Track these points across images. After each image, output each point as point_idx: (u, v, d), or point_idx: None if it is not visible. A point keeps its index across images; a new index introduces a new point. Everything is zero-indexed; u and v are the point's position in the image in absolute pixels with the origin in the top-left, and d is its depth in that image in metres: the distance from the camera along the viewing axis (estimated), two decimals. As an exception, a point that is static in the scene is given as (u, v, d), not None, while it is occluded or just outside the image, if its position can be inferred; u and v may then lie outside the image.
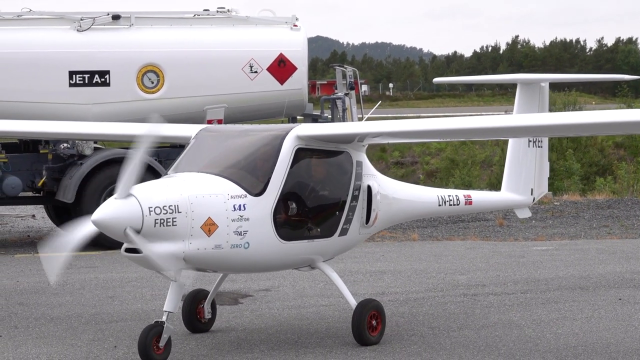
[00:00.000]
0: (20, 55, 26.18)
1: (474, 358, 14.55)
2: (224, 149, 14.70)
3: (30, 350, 15.03)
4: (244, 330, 16.52)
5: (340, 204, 14.87)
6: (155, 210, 12.93)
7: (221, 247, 13.51)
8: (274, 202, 13.95)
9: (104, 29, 26.81)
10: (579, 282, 20.20)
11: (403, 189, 16.72)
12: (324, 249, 14.92)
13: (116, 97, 26.45)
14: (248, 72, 27.18)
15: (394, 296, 19.08)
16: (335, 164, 15.09)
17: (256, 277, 20.96)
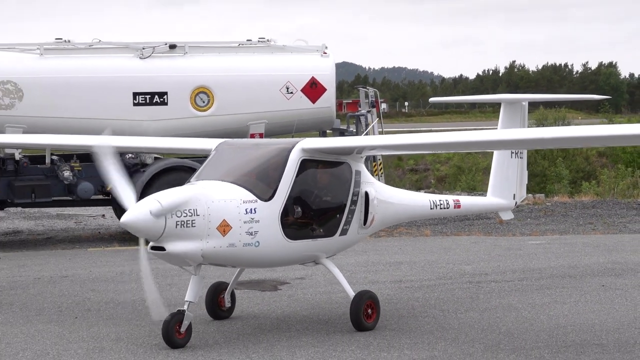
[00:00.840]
0: (92, 79, 26.27)
1: (478, 336, 14.58)
2: (239, 160, 14.75)
3: (102, 330, 15.12)
4: (282, 313, 16.57)
5: (340, 208, 14.91)
6: (177, 214, 13.04)
7: (234, 246, 13.59)
8: (281, 206, 14.00)
9: (162, 56, 26.89)
10: (568, 271, 20.19)
11: (398, 195, 16.62)
12: (327, 247, 14.95)
13: (173, 114, 26.53)
14: (285, 93, 27.25)
15: (409, 283, 19.10)
16: (337, 173, 15.07)
17: (293, 267, 20.97)
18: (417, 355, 13.49)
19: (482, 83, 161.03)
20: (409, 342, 14.31)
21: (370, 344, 14.15)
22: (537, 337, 14.49)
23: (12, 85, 25.78)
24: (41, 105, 25.87)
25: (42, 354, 13.75)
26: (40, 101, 25.88)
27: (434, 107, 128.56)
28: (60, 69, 26.30)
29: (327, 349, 13.95)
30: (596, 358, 13.24)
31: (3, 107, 25.65)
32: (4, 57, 26.19)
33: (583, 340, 14.27)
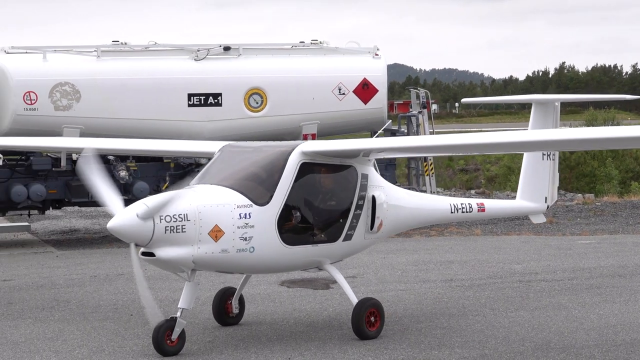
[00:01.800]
0: (148, 81, 26.39)
1: (529, 335, 14.50)
2: (239, 163, 14.20)
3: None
4: (334, 310, 16.57)
5: (344, 212, 14.30)
6: (165, 219, 12.60)
7: (227, 252, 13.08)
8: (278, 211, 13.46)
9: (216, 58, 26.97)
10: (617, 271, 20.04)
11: (413, 199, 16.04)
12: (329, 252, 14.30)
13: (227, 115, 26.60)
14: (337, 94, 27.26)
15: (460, 282, 19.03)
16: (340, 177, 14.42)
17: (345, 265, 20.93)
18: (467, 354, 13.44)
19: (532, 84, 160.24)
20: (459, 340, 14.26)
21: (422, 342, 14.13)
22: (587, 335, 14.40)
23: (69, 87, 25.93)
24: (98, 106, 26.01)
25: (97, 351, 13.82)
26: (97, 102, 26.02)
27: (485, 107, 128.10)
28: (116, 70, 26.43)
29: (378, 346, 13.93)
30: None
31: (61, 108, 25.81)
32: (62, 60, 26.36)
33: (633, 339, 14.17)
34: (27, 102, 25.74)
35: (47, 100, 25.81)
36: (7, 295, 18.19)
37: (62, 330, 15.14)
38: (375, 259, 22.05)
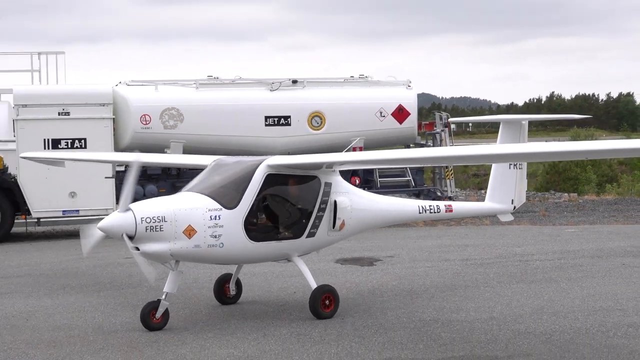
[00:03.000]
0: (234, 106, 26.53)
1: (527, 302, 14.41)
2: (219, 174, 13.42)
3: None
4: (377, 282, 16.54)
5: (307, 214, 13.33)
6: (146, 220, 12.11)
7: (199, 247, 12.46)
8: (245, 213, 12.73)
9: (286, 89, 27.03)
10: (596, 253, 19.87)
11: (381, 202, 14.80)
12: (294, 247, 13.35)
13: (294, 133, 26.65)
14: (379, 116, 27.27)
15: (473, 261, 18.95)
16: (304, 185, 13.46)
17: (384, 247, 20.92)
18: (479, 316, 13.37)
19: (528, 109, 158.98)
20: (473, 305, 14.20)
21: (444, 307, 14.07)
22: (572, 303, 14.28)
23: (175, 111, 26.11)
24: (196, 125, 26.18)
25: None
26: (196, 123, 26.19)
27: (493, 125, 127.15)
28: (211, 98, 26.58)
29: (411, 310, 13.89)
30: (618, 320, 13.00)
31: (169, 127, 26.00)
32: (170, 90, 26.57)
33: (608, 306, 14.03)
34: (143, 122, 25.93)
35: (158, 121, 25.99)
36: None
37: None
38: (408, 242, 22.02)
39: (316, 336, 12.30)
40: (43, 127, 24.81)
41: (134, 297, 15.40)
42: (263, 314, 13.79)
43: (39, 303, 15.02)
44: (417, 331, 12.51)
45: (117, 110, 25.65)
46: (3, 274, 18.28)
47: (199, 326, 13.09)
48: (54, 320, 13.58)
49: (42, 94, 25.89)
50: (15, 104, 25.33)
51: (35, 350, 11.83)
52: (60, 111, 24.95)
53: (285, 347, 11.72)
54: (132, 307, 14.41)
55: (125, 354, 11.51)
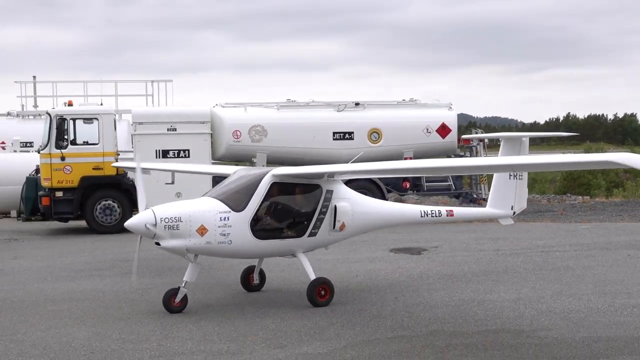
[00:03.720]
0: (308, 124, 26.52)
1: (548, 286, 14.20)
2: (235, 182, 13.00)
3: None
4: (425, 268, 16.42)
5: (308, 217, 12.77)
6: (165, 220, 11.89)
7: (211, 243, 12.10)
8: (251, 215, 12.32)
9: (350, 110, 26.98)
10: (605, 245, 19.48)
11: (384, 206, 14.17)
12: (296, 244, 12.80)
13: (357, 146, 26.50)
14: (425, 132, 27.07)
15: (504, 251, 18.70)
16: (306, 192, 12.88)
17: (430, 239, 20.76)
18: (509, 297, 13.22)
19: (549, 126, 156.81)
20: (503, 288, 14.04)
21: (479, 289, 13.92)
22: (586, 287, 14.04)
23: (260, 127, 26.22)
24: (278, 140, 26.25)
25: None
26: (277, 137, 26.25)
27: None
28: (289, 117, 26.64)
29: (451, 291, 13.79)
30: (625, 301, 12.76)
31: (255, 141, 26.12)
32: (257, 110, 26.69)
33: (616, 290, 13.76)
34: (234, 137, 26.08)
35: (247, 136, 26.11)
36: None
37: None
38: (449, 235, 21.83)
39: (374, 312, 12.26)
40: (155, 141, 25.09)
41: (227, 277, 15.48)
42: (331, 293, 13.76)
43: (151, 281, 15.17)
44: (457, 309, 12.41)
45: (214, 126, 25.84)
46: (123, 258, 18.51)
47: (279, 302, 13.15)
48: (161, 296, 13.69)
49: (154, 113, 26.21)
50: (134, 121, 25.67)
51: (149, 319, 11.96)
52: (168, 127, 25.21)
53: (349, 320, 11.70)
54: (225, 286, 14.51)
55: (220, 323, 11.59)
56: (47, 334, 11.13)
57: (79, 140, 24.00)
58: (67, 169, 23.74)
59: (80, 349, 10.35)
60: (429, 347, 10.22)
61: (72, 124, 23.92)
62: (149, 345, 10.45)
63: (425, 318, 11.79)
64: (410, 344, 10.35)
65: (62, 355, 10.07)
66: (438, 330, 11.04)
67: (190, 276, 12.49)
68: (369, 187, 25.86)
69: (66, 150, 23.68)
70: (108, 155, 23.80)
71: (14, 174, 27.40)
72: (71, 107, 24.31)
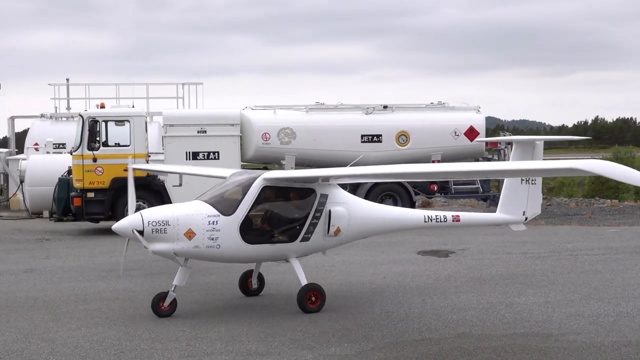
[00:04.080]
0: (337, 127, 26.51)
1: (577, 289, 14.04)
2: (227, 186, 12.59)
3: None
4: (452, 270, 16.31)
5: (300, 221, 12.35)
6: (152, 223, 11.68)
7: (199, 247, 11.85)
8: (240, 219, 11.90)
9: (379, 113, 26.91)
10: (634, 249, 19.22)
11: (385, 211, 13.61)
12: (288, 249, 12.40)
13: (384, 148, 26.50)
14: (453, 135, 26.92)
15: (531, 254, 18.54)
16: (299, 196, 12.48)
17: (458, 242, 20.63)
18: (536, 300, 13.09)
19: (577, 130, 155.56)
20: (531, 291, 13.91)
21: (507, 292, 13.80)
22: (614, 290, 13.86)
23: (289, 130, 26.23)
24: (306, 142, 26.23)
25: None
26: (306, 140, 26.24)
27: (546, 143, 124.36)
28: (318, 120, 26.63)
29: (479, 294, 13.68)
30: (654, 305, 12.64)
31: (284, 143, 26.14)
32: (286, 113, 26.72)
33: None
34: (263, 139, 26.10)
35: (276, 138, 26.14)
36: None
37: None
38: (477, 238, 21.68)
39: (402, 314, 12.19)
40: (185, 143, 25.18)
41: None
42: (358, 295, 13.72)
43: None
44: (485, 311, 12.30)
45: (243, 129, 25.89)
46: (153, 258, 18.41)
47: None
48: (192, 296, 13.72)
49: (184, 115, 26.32)
50: (164, 123, 25.79)
51: (178, 319, 11.96)
52: (198, 130, 25.29)
53: (376, 322, 11.63)
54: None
55: (249, 324, 11.58)
56: (77, 333, 11.18)
57: (110, 142, 24.15)
58: (99, 171, 23.89)
59: (111, 348, 10.38)
60: (456, 350, 10.14)
61: (104, 126, 24.08)
62: (178, 345, 10.45)
63: (453, 321, 11.70)
64: (438, 347, 10.27)
65: (93, 354, 10.10)
66: (466, 333, 10.94)
67: (180, 280, 12.21)
68: (396, 189, 25.78)
69: (98, 151, 23.84)
70: (139, 157, 23.89)
71: (47, 175, 27.66)
72: (103, 110, 24.48)
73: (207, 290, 14.30)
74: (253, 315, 12.15)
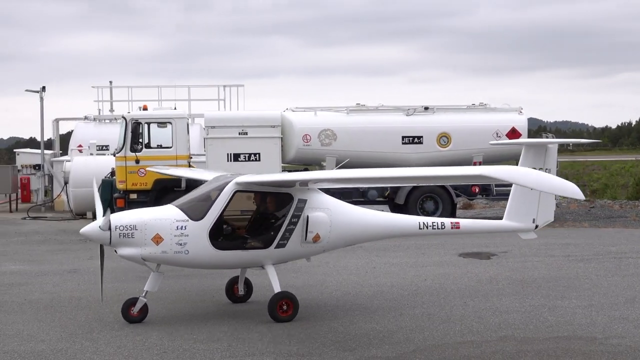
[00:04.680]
0: (377, 128, 26.52)
1: (621, 292, 13.85)
2: (202, 190, 12.35)
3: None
4: (494, 273, 16.18)
5: (275, 227, 11.91)
6: (119, 227, 11.48)
7: (166, 252, 11.58)
8: (210, 225, 11.55)
9: (419, 114, 26.84)
10: (680, 252, 18.97)
11: (374, 217, 12.86)
12: (262, 256, 11.95)
13: (426, 150, 26.41)
14: (495, 137, 26.67)
15: (574, 257, 18.30)
16: (273, 201, 12.10)
17: (500, 244, 20.44)
18: (580, 303, 12.93)
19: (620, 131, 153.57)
20: (575, 294, 13.74)
21: (550, 295, 13.65)
22: (660, 294, 13.66)
23: (330, 131, 26.26)
24: (347, 144, 26.25)
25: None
26: (347, 141, 26.26)
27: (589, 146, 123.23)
28: (358, 121, 26.63)
29: (522, 297, 13.55)
30: (701, 309, 12.40)
31: (325, 145, 26.18)
32: (326, 115, 26.79)
33: (692, 297, 13.37)
34: (304, 141, 26.18)
35: (316, 140, 26.19)
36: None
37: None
38: (519, 240, 21.21)
39: (443, 316, 12.12)
40: (226, 144, 25.33)
41: (296, 280, 15.48)
42: (400, 297, 13.67)
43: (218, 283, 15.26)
44: (527, 314, 12.18)
45: (284, 130, 25.97)
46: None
47: (348, 305, 13.10)
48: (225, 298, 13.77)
49: (226, 117, 26.46)
50: (206, 125, 25.95)
51: (220, 320, 12.04)
52: (240, 131, 25.42)
53: (418, 325, 11.58)
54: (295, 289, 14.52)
55: (290, 325, 11.59)
56: (120, 333, 11.28)
57: (153, 144, 24.33)
58: (141, 172, 24.07)
59: (153, 348, 10.45)
60: (499, 353, 10.05)
61: (147, 128, 24.26)
62: (219, 346, 10.50)
63: (495, 323, 11.60)
64: (480, 350, 10.19)
65: (135, 354, 10.18)
66: (508, 336, 10.84)
67: (152, 286, 11.99)
68: (437, 191, 25.64)
69: (140, 153, 24.03)
70: (181, 159, 24.05)
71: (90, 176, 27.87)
72: (146, 112, 24.67)
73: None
74: (295, 316, 12.14)
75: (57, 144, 38.67)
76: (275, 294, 11.87)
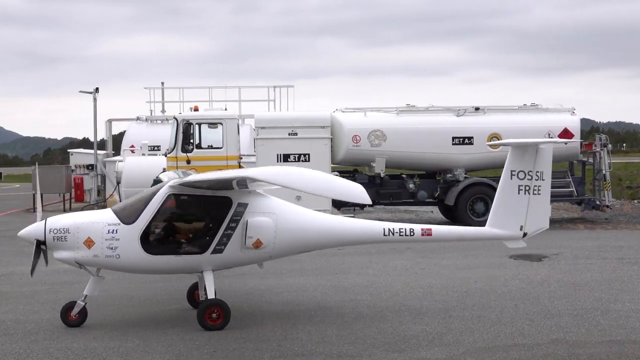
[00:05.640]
0: (427, 129, 26.29)
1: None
2: (142, 194, 12.00)
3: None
4: (546, 275, 15.98)
5: (211, 232, 11.52)
6: (53, 231, 11.44)
7: (98, 256, 11.36)
8: (141, 229, 11.32)
9: (470, 115, 26.60)
10: None
11: (330, 223, 12.10)
12: (198, 262, 11.56)
13: (477, 150, 26.16)
14: (547, 137, 26.38)
15: (628, 259, 17.96)
16: (209, 205, 11.64)
17: (550, 246, 20.17)
18: (634, 307, 12.70)
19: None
20: (628, 297, 13.52)
21: (602, 298, 13.42)
22: None
23: (380, 132, 26.19)
24: (397, 144, 26.17)
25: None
26: (397, 142, 26.17)
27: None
28: (408, 122, 26.51)
29: (574, 300, 13.34)
30: None
31: (375, 145, 26.11)
32: (376, 115, 26.74)
33: None
34: (354, 141, 26.14)
35: (366, 140, 26.14)
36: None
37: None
38: (571, 243, 21.18)
39: (494, 318, 12.00)
40: (276, 145, 25.41)
41: (344, 280, 15.46)
42: (449, 298, 13.57)
43: (269, 283, 15.32)
44: (580, 317, 12.00)
45: (334, 131, 25.97)
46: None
47: (397, 306, 13.03)
48: (282, 297, 13.81)
49: (276, 118, 26.55)
50: (256, 126, 26.07)
51: (269, 320, 12.05)
52: (290, 132, 25.48)
53: (467, 326, 11.48)
54: (342, 289, 14.50)
55: (339, 326, 11.57)
56: (171, 332, 11.37)
57: (203, 144, 24.53)
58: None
59: (203, 347, 10.52)
60: (550, 356, 9.92)
61: (198, 129, 24.47)
62: (268, 346, 10.53)
63: (547, 326, 11.45)
64: (531, 353, 10.07)
65: (186, 353, 10.26)
66: (560, 339, 10.70)
67: (91, 290, 11.82)
68: (487, 192, 25.41)
69: (191, 153, 24.24)
70: (231, 159, 24.20)
71: (142, 176, 28.20)
72: (197, 112, 24.88)
73: (296, 291, 14.38)
74: (343, 317, 12.14)
75: (109, 145, 39.18)
76: (206, 301, 11.51)
